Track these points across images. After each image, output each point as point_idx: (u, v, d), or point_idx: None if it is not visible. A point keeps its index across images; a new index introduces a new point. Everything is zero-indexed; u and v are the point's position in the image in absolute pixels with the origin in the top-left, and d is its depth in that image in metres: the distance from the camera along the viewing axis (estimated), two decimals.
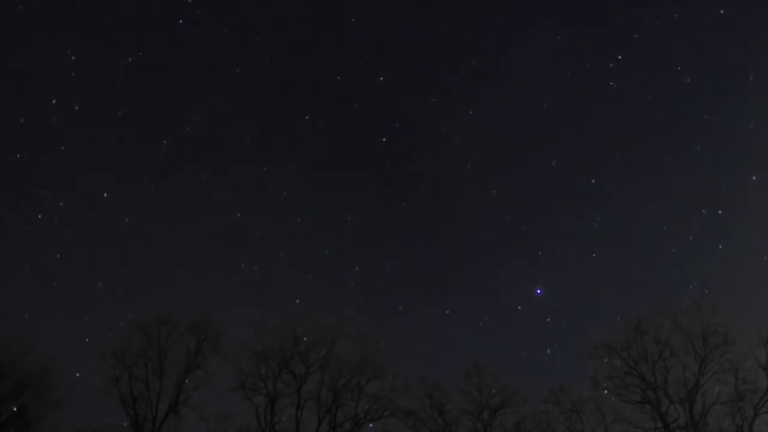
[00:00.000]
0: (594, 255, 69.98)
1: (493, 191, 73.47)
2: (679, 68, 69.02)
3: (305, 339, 46.59)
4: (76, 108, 64.66)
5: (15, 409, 42.58)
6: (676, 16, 70.77)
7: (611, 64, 69.48)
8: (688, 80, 69.48)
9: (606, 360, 46.61)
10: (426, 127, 76.07)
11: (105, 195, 65.64)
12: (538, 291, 66.19)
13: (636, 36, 73.04)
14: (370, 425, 46.39)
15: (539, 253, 72.93)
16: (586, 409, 46.19)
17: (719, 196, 67.71)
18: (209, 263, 71.33)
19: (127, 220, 66.45)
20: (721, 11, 67.62)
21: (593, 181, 71.88)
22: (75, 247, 65.97)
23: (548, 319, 66.61)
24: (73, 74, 65.33)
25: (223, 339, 46.53)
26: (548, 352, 62.26)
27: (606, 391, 46.17)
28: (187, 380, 44.95)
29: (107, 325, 68.32)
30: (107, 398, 44.14)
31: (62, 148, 65.25)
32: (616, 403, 46.11)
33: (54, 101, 64.33)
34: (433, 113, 74.64)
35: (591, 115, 75.94)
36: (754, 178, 63.49)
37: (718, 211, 66.11)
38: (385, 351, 47.65)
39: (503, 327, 68.57)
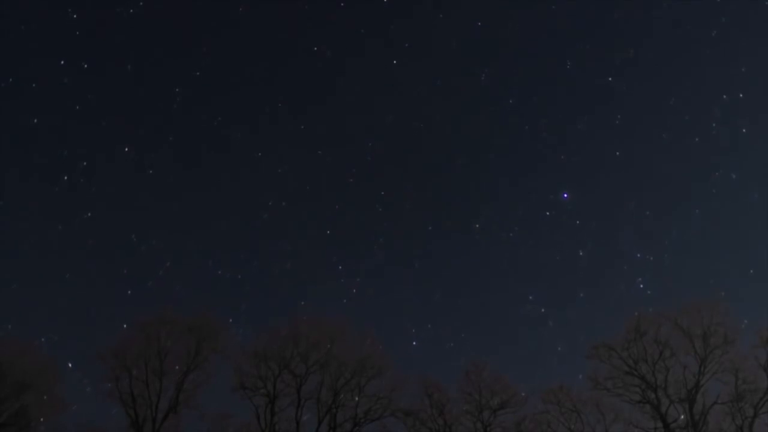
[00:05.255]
0: (617, 153, 70.53)
1: (510, 101, 74.01)
2: None
3: (305, 339, 46.55)
4: (85, 66, 65.04)
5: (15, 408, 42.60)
6: None
7: None
8: None
9: (606, 360, 46.54)
10: (435, 45, 75.66)
11: (126, 150, 66.18)
12: (565, 195, 66.32)
13: None
14: None
15: (562, 157, 73.19)
16: (586, 409, 46.18)
17: (739, 79, 67.59)
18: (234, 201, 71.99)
19: (150, 171, 67.54)
20: None
21: (610, 79, 71.45)
22: (103, 206, 67.14)
23: (577, 222, 67.23)
24: (77, 33, 65.68)
25: (223, 339, 46.64)
26: (580, 254, 62.72)
27: (606, 391, 46.10)
28: (187, 380, 45.00)
29: (107, 325, 69.08)
30: (107, 398, 44.23)
31: (77, 107, 65.62)
32: (616, 403, 46.13)
33: (62, 62, 64.70)
34: (436, 29, 74.19)
35: (600, 12, 75.11)
36: None
37: (739, 95, 66.18)
38: (384, 351, 47.82)
39: (533, 235, 70.22)
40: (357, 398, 46.06)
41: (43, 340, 53.18)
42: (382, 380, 46.56)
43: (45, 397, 43.81)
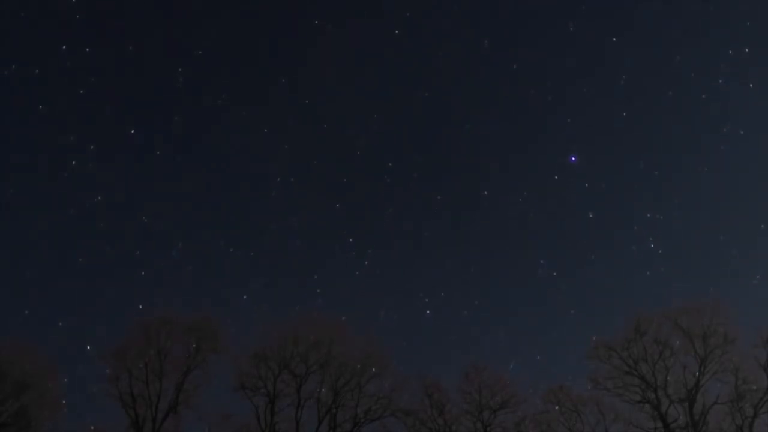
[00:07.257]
0: (624, 114, 70.77)
1: (514, 66, 74.21)
2: None
3: (305, 339, 46.53)
4: (87, 50, 65.09)
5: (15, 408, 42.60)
6: None
7: None
8: None
9: (606, 360, 46.53)
10: (436, 12, 75.46)
11: (132, 131, 66.19)
12: (573, 158, 66.38)
13: None
14: None
15: (568, 120, 73.14)
16: (586, 409, 46.17)
17: (744, 33, 68.55)
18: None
19: (158, 153, 68.32)
20: None
21: (614, 39, 71.39)
22: (113, 189, 67.47)
23: (586, 185, 67.65)
24: (77, 16, 65.82)
25: (223, 339, 46.62)
26: (590, 216, 62.94)
27: (606, 391, 46.11)
28: (186, 380, 44.96)
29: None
30: (107, 398, 44.21)
31: (81, 91, 65.70)
32: (616, 403, 46.15)
33: (64, 47, 64.77)
34: None
35: None
36: None
37: (745, 49, 65.96)
38: (385, 351, 47.80)
39: (543, 199, 70.46)
40: (357, 398, 46.06)
41: (60, 324, 53.63)
42: (382, 380, 46.67)
43: (45, 397, 43.81)
